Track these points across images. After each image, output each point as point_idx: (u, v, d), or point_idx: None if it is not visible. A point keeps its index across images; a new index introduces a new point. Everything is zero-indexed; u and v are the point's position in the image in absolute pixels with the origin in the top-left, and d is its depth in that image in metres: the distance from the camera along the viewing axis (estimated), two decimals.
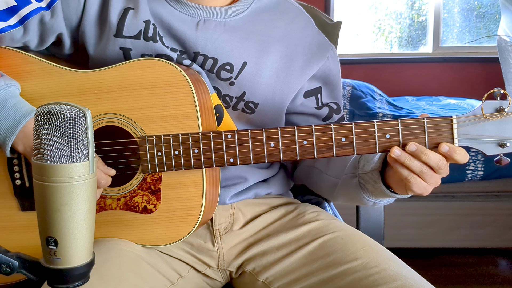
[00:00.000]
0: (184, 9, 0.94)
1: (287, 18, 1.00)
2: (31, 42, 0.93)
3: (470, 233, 2.38)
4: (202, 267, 0.97)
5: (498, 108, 0.79)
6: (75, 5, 0.92)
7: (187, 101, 0.85)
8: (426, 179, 0.79)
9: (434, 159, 0.78)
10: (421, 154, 0.78)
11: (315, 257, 0.89)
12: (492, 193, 2.36)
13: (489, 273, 2.36)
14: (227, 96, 0.96)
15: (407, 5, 3.67)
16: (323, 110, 1.02)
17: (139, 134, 0.86)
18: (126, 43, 0.92)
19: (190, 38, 0.93)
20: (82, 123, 0.56)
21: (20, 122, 0.83)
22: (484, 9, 3.62)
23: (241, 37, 0.95)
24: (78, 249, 0.57)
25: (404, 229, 2.38)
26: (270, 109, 0.98)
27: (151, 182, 0.88)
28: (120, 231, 0.89)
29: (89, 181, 0.57)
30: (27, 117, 0.83)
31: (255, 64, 0.95)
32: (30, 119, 0.83)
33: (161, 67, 0.86)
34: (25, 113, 0.84)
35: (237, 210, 0.99)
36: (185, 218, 0.87)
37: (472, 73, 3.47)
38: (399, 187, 0.84)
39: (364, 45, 3.71)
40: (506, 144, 0.79)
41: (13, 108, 0.84)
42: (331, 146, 0.83)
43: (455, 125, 0.80)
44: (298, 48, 0.99)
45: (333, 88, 1.03)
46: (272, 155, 0.84)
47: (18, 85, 0.88)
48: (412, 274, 0.82)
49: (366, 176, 0.88)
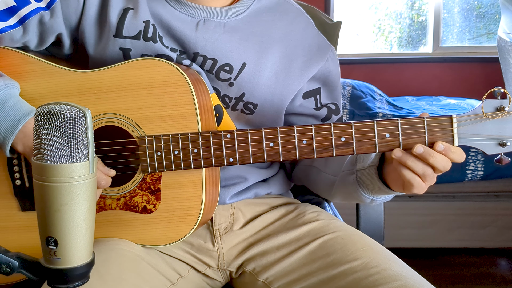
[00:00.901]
0: (184, 9, 0.94)
1: (287, 19, 1.00)
2: (31, 42, 0.93)
3: (470, 233, 2.38)
4: (202, 267, 0.97)
5: (499, 107, 0.78)
6: (75, 5, 0.92)
7: (186, 101, 0.85)
8: (426, 180, 0.79)
9: (441, 161, 0.78)
10: (428, 157, 0.78)
11: (315, 257, 0.89)
12: (492, 193, 2.36)
13: (489, 273, 2.36)
14: (226, 97, 0.96)
15: (407, 5, 3.67)
16: (322, 111, 1.02)
17: (138, 134, 0.86)
18: (125, 44, 0.92)
19: (189, 38, 0.93)
20: (82, 123, 0.56)
21: (19, 122, 0.83)
22: (484, 9, 3.62)
23: (241, 38, 0.95)
24: (78, 249, 0.57)
25: (404, 229, 2.38)
26: (269, 110, 0.98)
27: (151, 182, 0.88)
28: (120, 231, 0.89)
29: (89, 181, 0.57)
30: (26, 117, 0.83)
31: (254, 65, 0.95)
32: (29, 119, 0.83)
33: (161, 67, 0.86)
34: (24, 113, 0.84)
35: (237, 210, 0.99)
36: (185, 218, 0.87)
37: (472, 73, 3.47)
38: (396, 185, 0.84)
39: (364, 45, 3.71)
40: (506, 143, 0.79)
41: (13, 108, 0.84)
42: (331, 146, 0.83)
43: (455, 124, 0.80)
44: (298, 49, 0.99)
45: (332, 89, 1.03)
46: (272, 155, 0.84)
47: (17, 85, 0.88)
48: (412, 274, 0.82)
49: (363, 173, 0.88)
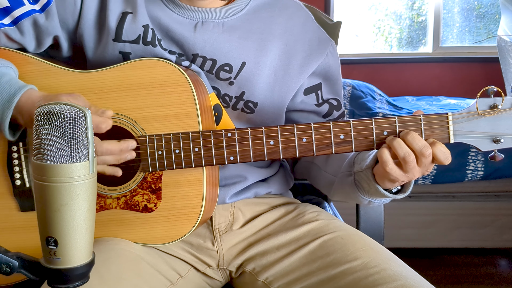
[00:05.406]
0: (182, 12, 0.94)
1: (286, 14, 1.00)
2: (29, 44, 0.93)
3: (470, 233, 2.38)
4: (202, 267, 0.97)
5: (492, 105, 0.81)
6: (71, 8, 0.92)
7: (187, 100, 0.86)
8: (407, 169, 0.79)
9: (419, 143, 0.79)
10: (406, 135, 0.79)
11: (315, 257, 0.89)
12: (492, 193, 2.36)
13: (489, 273, 2.36)
14: (226, 96, 0.96)
15: (407, 5, 3.67)
16: (323, 107, 1.02)
17: (139, 133, 0.86)
18: (125, 47, 0.92)
19: (188, 40, 0.93)
20: (82, 123, 0.56)
21: (15, 95, 0.82)
22: (484, 9, 3.62)
23: (240, 36, 0.95)
24: (78, 249, 0.57)
25: (404, 229, 2.38)
26: (269, 108, 0.98)
27: (152, 181, 0.88)
28: (121, 230, 0.89)
29: (89, 181, 0.57)
30: (22, 89, 0.83)
31: (254, 63, 0.95)
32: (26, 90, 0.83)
33: (161, 67, 0.86)
34: (20, 86, 0.83)
35: (236, 210, 0.99)
36: (185, 216, 0.87)
37: (472, 73, 3.47)
38: (382, 180, 0.84)
39: (364, 45, 3.71)
40: (500, 140, 0.81)
41: (8, 83, 0.83)
42: (330, 144, 0.84)
43: (451, 122, 0.82)
44: (298, 44, 0.99)
45: (333, 83, 1.03)
46: (272, 153, 0.85)
47: (15, 69, 0.88)
48: (412, 274, 0.82)
49: (361, 175, 0.89)
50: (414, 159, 0.79)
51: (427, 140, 0.81)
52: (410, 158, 0.78)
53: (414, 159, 0.79)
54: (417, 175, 0.81)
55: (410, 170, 0.79)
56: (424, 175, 0.83)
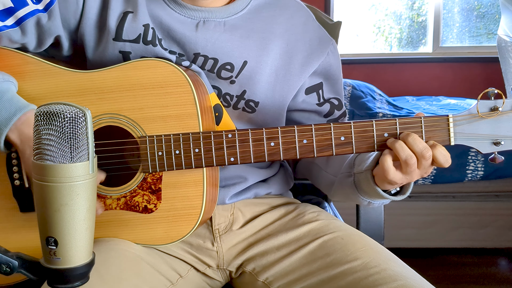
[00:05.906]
0: (183, 11, 0.94)
1: (287, 13, 1.00)
2: (30, 44, 0.93)
3: (470, 233, 2.38)
4: (202, 267, 0.97)
5: (493, 107, 0.81)
6: (74, 8, 0.92)
7: (187, 101, 0.86)
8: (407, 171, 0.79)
9: (420, 144, 0.79)
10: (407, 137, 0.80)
11: (315, 257, 0.89)
12: (492, 193, 2.36)
13: (489, 273, 2.36)
14: (227, 95, 0.96)
15: (407, 5, 3.67)
16: (325, 107, 1.02)
17: (139, 134, 0.86)
18: (125, 47, 0.92)
19: (190, 39, 0.93)
20: (82, 123, 0.56)
21: (15, 115, 0.83)
22: (484, 9, 3.62)
23: (241, 35, 0.95)
24: (78, 249, 0.57)
25: (404, 229, 2.38)
26: (270, 108, 0.98)
27: (152, 181, 0.88)
28: (121, 231, 0.89)
29: (89, 181, 0.57)
30: (22, 110, 0.83)
31: (255, 62, 0.95)
32: (25, 112, 0.83)
33: (162, 68, 0.86)
34: (21, 106, 0.84)
35: (236, 210, 0.99)
36: (185, 217, 0.87)
37: (472, 73, 3.47)
38: (381, 182, 0.84)
39: (364, 45, 3.71)
40: (500, 142, 0.81)
41: (10, 101, 0.84)
42: (331, 145, 0.84)
43: (451, 124, 0.82)
44: (299, 44, 0.99)
45: (334, 82, 1.03)
46: (273, 154, 0.85)
47: (15, 82, 0.88)
48: (412, 274, 0.82)
49: (360, 176, 0.89)
50: (416, 161, 0.79)
51: (427, 142, 0.81)
52: (412, 161, 0.79)
53: (416, 162, 0.79)
54: (416, 177, 0.81)
55: (410, 172, 0.80)
56: (422, 177, 0.83)
